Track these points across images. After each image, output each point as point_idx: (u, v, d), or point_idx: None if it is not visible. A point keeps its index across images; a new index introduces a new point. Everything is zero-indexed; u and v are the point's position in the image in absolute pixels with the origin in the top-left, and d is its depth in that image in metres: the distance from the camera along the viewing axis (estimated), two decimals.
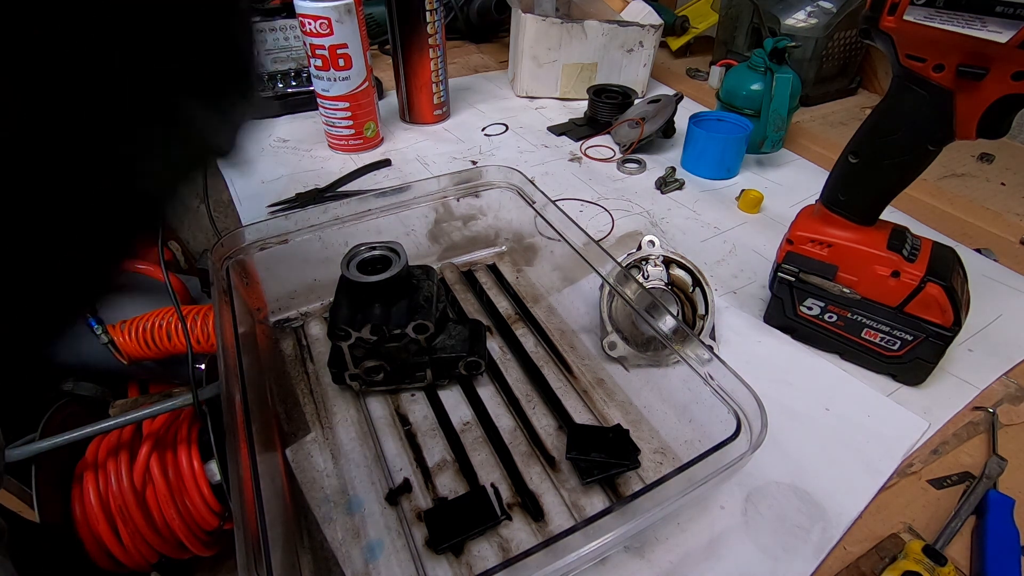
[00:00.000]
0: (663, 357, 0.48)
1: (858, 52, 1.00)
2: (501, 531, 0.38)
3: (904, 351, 0.47)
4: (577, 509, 0.39)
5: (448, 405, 0.46)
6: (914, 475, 0.43)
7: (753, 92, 0.79)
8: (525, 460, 0.42)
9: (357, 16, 0.70)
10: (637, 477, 0.41)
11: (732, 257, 0.63)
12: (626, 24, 0.92)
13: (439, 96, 0.86)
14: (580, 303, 0.54)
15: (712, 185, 0.76)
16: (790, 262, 0.49)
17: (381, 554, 0.37)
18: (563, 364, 0.50)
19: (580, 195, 0.73)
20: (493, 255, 0.62)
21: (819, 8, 0.92)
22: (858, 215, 0.46)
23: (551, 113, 0.94)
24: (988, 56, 0.36)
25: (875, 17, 0.39)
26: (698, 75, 1.09)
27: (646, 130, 0.79)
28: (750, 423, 0.35)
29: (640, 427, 0.45)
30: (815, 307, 0.50)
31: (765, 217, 0.70)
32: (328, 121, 0.78)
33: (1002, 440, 0.45)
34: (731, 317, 0.55)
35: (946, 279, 0.44)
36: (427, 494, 0.40)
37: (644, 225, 0.68)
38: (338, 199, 0.55)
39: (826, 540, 0.38)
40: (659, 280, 0.50)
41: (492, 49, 1.19)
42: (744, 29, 1.00)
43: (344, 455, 0.43)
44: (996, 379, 0.50)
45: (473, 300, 0.57)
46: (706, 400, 0.38)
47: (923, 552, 0.35)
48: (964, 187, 0.77)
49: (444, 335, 0.46)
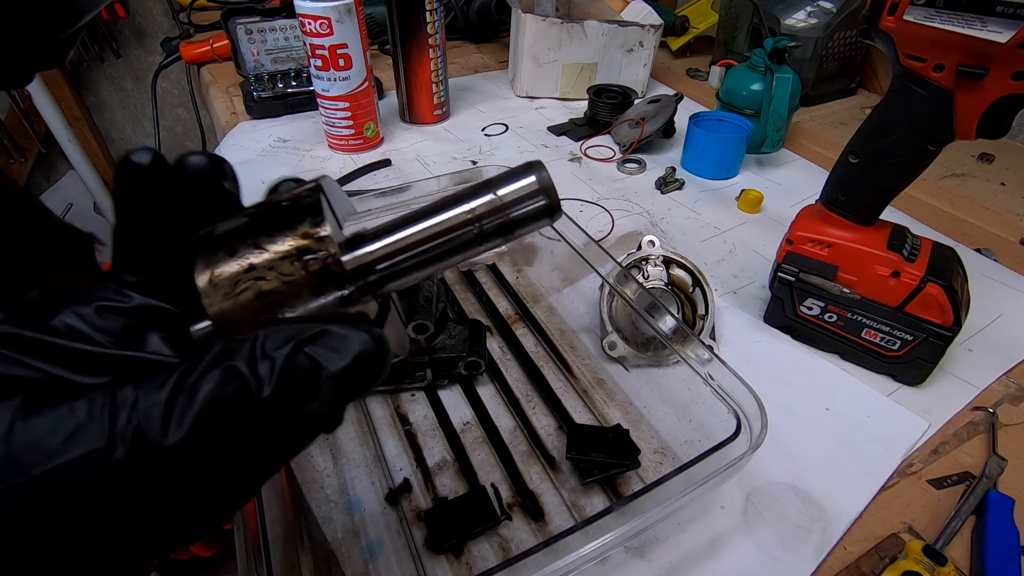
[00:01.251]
0: (663, 357, 0.48)
1: (858, 52, 1.00)
2: (501, 531, 0.38)
3: (904, 351, 0.47)
4: (577, 509, 0.39)
5: (448, 405, 0.46)
6: (914, 475, 0.43)
7: (753, 92, 0.79)
8: (525, 460, 0.42)
9: (357, 16, 0.70)
10: (637, 477, 0.41)
11: (732, 257, 0.63)
12: (626, 24, 0.92)
13: (439, 96, 0.86)
14: (580, 303, 0.54)
15: (712, 185, 0.76)
16: (790, 262, 0.49)
17: (381, 554, 0.37)
18: (563, 364, 0.50)
19: (580, 195, 0.73)
20: (493, 255, 0.62)
21: (819, 8, 0.92)
22: (858, 215, 0.46)
23: (551, 113, 0.94)
24: (988, 56, 0.36)
25: (875, 17, 0.39)
26: (698, 75, 1.09)
27: (646, 130, 0.79)
28: (750, 423, 0.35)
29: (640, 427, 0.45)
30: (815, 307, 0.50)
31: (765, 217, 0.70)
32: (328, 121, 0.77)
33: (1002, 440, 0.45)
34: (731, 317, 0.55)
35: (946, 279, 0.44)
36: (427, 494, 0.40)
37: (644, 225, 0.68)
38: None
39: (826, 540, 0.38)
40: (659, 280, 0.50)
41: (492, 49, 1.19)
42: (744, 29, 1.00)
43: (344, 455, 0.43)
44: (996, 379, 0.50)
45: (473, 300, 0.57)
46: (706, 400, 0.38)
47: (923, 552, 0.35)
48: (964, 187, 0.77)
49: (444, 335, 0.46)
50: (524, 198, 0.19)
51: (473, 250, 0.19)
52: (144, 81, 1.72)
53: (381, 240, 0.19)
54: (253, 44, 0.86)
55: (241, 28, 0.84)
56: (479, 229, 0.19)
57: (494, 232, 0.19)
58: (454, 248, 0.19)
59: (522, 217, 0.19)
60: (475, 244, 0.19)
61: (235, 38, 0.85)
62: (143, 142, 1.66)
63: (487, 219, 0.19)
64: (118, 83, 1.72)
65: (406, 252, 0.19)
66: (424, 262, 0.19)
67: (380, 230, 0.19)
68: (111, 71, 1.69)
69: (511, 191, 0.19)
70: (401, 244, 0.19)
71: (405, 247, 0.19)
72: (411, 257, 0.19)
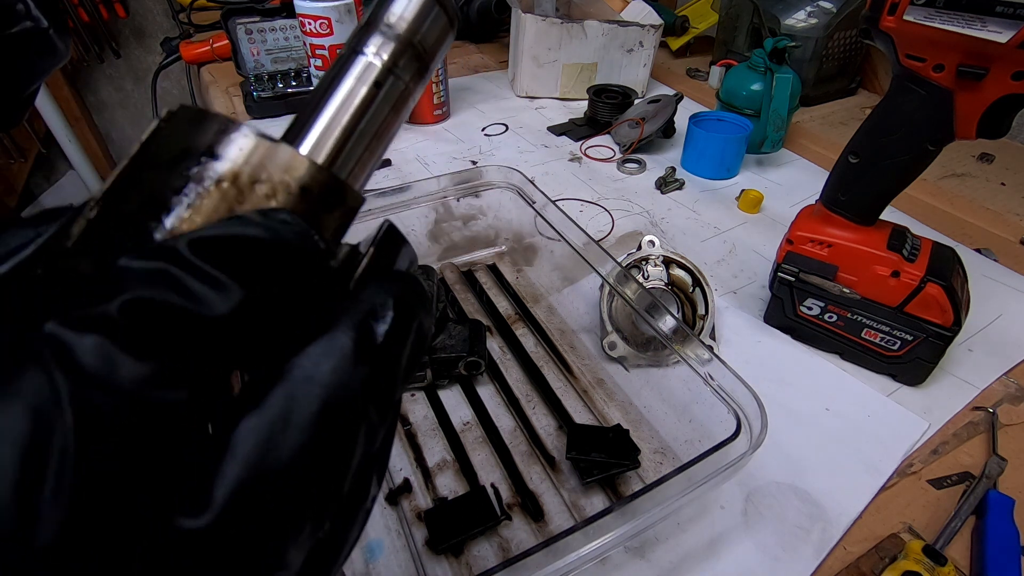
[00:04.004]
0: (663, 357, 0.48)
1: (858, 52, 0.99)
2: (501, 531, 0.38)
3: (904, 351, 0.47)
4: (577, 509, 0.39)
5: (448, 405, 0.46)
6: (914, 475, 0.43)
7: (753, 92, 0.79)
8: (525, 460, 0.42)
9: (357, 16, 0.70)
10: (637, 477, 0.41)
11: (732, 257, 0.63)
12: (626, 24, 0.92)
13: (439, 96, 0.86)
14: (580, 303, 0.54)
15: (712, 185, 0.76)
16: (790, 262, 0.49)
17: (381, 554, 0.37)
18: (563, 364, 0.50)
19: (580, 195, 0.73)
20: (493, 255, 0.62)
21: (819, 8, 0.92)
22: (858, 215, 0.46)
23: (551, 113, 0.94)
24: (988, 56, 0.36)
25: (875, 17, 0.39)
26: (698, 75, 1.09)
27: (646, 130, 0.79)
28: (750, 423, 0.35)
29: (640, 427, 0.45)
30: (815, 307, 0.50)
31: (765, 217, 0.70)
32: None
33: (1002, 440, 0.45)
34: (731, 317, 0.55)
35: (946, 279, 0.44)
36: (427, 494, 0.40)
37: (644, 225, 0.68)
38: None
39: (826, 540, 0.38)
40: (659, 280, 0.50)
41: (492, 49, 1.19)
42: (744, 29, 1.00)
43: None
44: (996, 379, 0.50)
45: (473, 300, 0.57)
46: (706, 400, 0.38)
47: (923, 552, 0.35)
48: (964, 187, 0.77)
49: (444, 335, 0.46)
50: (420, 17, 0.16)
51: (407, 104, 0.16)
52: (144, 81, 1.71)
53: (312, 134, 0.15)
54: (253, 44, 0.86)
55: (241, 28, 0.84)
56: (400, 75, 0.16)
57: (415, 73, 0.16)
58: (393, 109, 0.16)
59: (432, 40, 0.16)
60: (407, 97, 0.16)
61: (235, 38, 0.85)
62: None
63: (400, 60, 0.16)
64: (118, 83, 1.72)
65: (353, 132, 0.15)
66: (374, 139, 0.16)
67: (300, 125, 0.15)
68: (111, 71, 1.69)
69: (401, 17, 0.16)
70: (344, 125, 0.15)
71: (349, 127, 0.15)
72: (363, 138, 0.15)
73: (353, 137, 0.15)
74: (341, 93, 0.15)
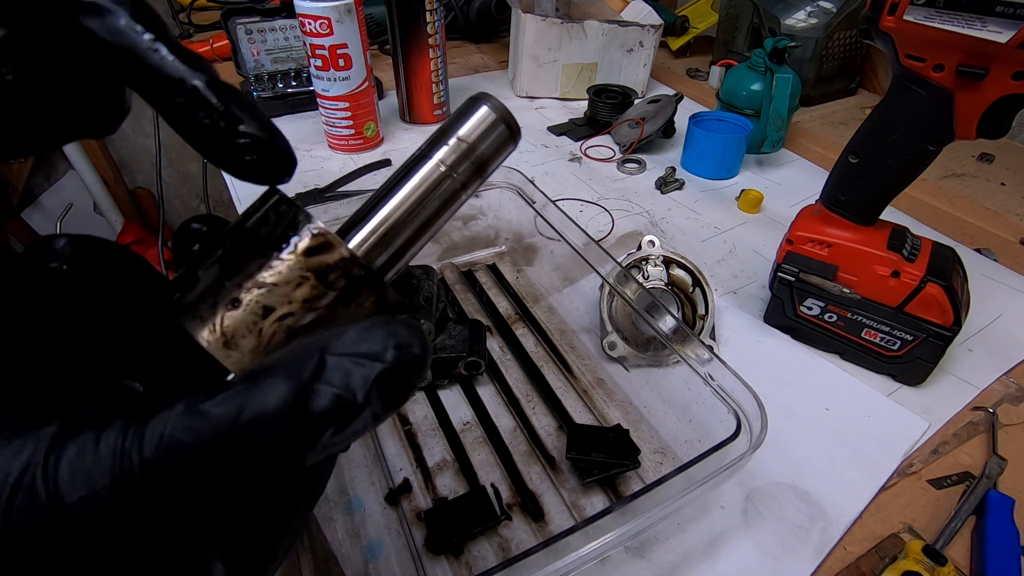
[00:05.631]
0: (663, 357, 0.48)
1: (858, 52, 1.00)
2: (501, 531, 0.38)
3: (904, 351, 0.47)
4: (577, 509, 0.39)
5: (448, 405, 0.46)
6: (914, 475, 0.43)
7: (753, 92, 0.79)
8: (525, 460, 0.42)
9: (357, 16, 0.70)
10: (637, 477, 0.41)
11: (732, 257, 0.63)
12: (626, 24, 0.92)
13: (439, 96, 0.86)
14: (580, 303, 0.54)
15: (712, 185, 0.76)
16: (790, 262, 0.49)
17: (381, 554, 0.37)
18: (563, 364, 0.50)
19: (580, 195, 0.73)
20: (493, 255, 0.62)
21: (819, 8, 0.92)
22: (858, 215, 0.46)
23: (551, 113, 0.94)
24: (988, 56, 0.36)
25: (875, 17, 0.39)
26: (698, 75, 1.09)
27: (646, 130, 0.79)
28: (750, 423, 0.35)
29: (640, 427, 0.45)
30: (815, 307, 0.50)
31: (765, 217, 0.70)
32: (328, 121, 0.77)
33: (1002, 440, 0.45)
34: (731, 317, 0.55)
35: (946, 279, 0.44)
36: (427, 494, 0.40)
37: (644, 225, 0.68)
38: (338, 199, 0.55)
39: (826, 540, 0.38)
40: (659, 280, 0.50)
41: (492, 49, 1.19)
42: (744, 29, 1.00)
43: (344, 455, 0.43)
44: (996, 379, 0.50)
45: (473, 300, 0.57)
46: (706, 400, 0.38)
47: (923, 552, 0.35)
48: (964, 187, 0.77)
49: (444, 335, 0.46)
50: (486, 132, 0.19)
51: (459, 201, 0.19)
52: None
53: (370, 223, 0.18)
54: (253, 44, 0.86)
55: (241, 28, 0.84)
56: (457, 177, 0.19)
57: (471, 176, 0.19)
58: (443, 205, 0.19)
59: (491, 151, 0.19)
60: (460, 194, 0.19)
61: (235, 38, 0.85)
62: (143, 142, 1.66)
63: (460, 166, 0.19)
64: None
65: (402, 225, 0.18)
66: (420, 228, 0.18)
67: (361, 214, 0.18)
68: None
69: (471, 130, 0.19)
70: (395, 219, 0.18)
71: (399, 221, 0.18)
72: (408, 229, 0.18)
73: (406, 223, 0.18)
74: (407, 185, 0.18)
